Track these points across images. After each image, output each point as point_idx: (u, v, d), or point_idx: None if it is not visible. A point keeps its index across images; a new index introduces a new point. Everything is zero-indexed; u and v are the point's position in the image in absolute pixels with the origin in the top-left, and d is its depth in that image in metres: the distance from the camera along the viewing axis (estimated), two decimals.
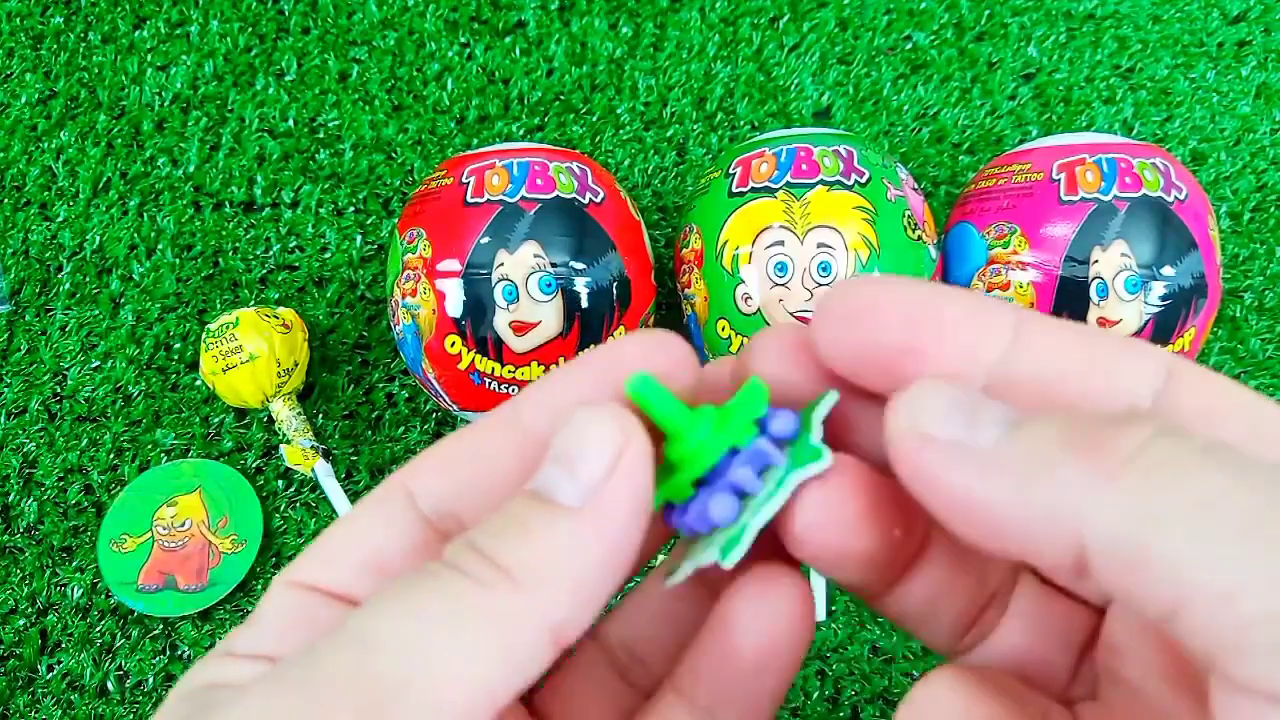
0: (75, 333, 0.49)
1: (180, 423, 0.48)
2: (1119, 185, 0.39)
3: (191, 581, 0.44)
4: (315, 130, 0.53)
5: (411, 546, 0.16)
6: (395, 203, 0.51)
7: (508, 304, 0.39)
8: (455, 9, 0.55)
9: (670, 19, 0.54)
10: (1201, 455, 0.11)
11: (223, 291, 0.50)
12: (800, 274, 0.39)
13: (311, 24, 0.54)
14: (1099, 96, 0.53)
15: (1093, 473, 0.11)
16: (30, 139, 0.52)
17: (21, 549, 0.46)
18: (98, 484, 0.47)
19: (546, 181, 0.40)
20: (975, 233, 0.42)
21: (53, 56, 0.54)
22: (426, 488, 0.16)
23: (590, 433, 0.14)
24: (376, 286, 0.50)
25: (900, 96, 0.53)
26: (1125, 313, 0.38)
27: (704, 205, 0.42)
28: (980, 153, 0.52)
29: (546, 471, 0.14)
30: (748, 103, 0.53)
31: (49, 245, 0.51)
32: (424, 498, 0.16)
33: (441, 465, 0.16)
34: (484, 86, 0.53)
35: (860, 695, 0.43)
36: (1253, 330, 0.49)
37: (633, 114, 0.53)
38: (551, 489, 0.14)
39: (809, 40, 0.54)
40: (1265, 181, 0.52)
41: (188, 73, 0.53)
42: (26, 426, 0.48)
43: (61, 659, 0.44)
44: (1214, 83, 0.54)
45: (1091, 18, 0.55)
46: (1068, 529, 0.11)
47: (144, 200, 0.51)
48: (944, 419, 0.13)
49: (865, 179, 0.40)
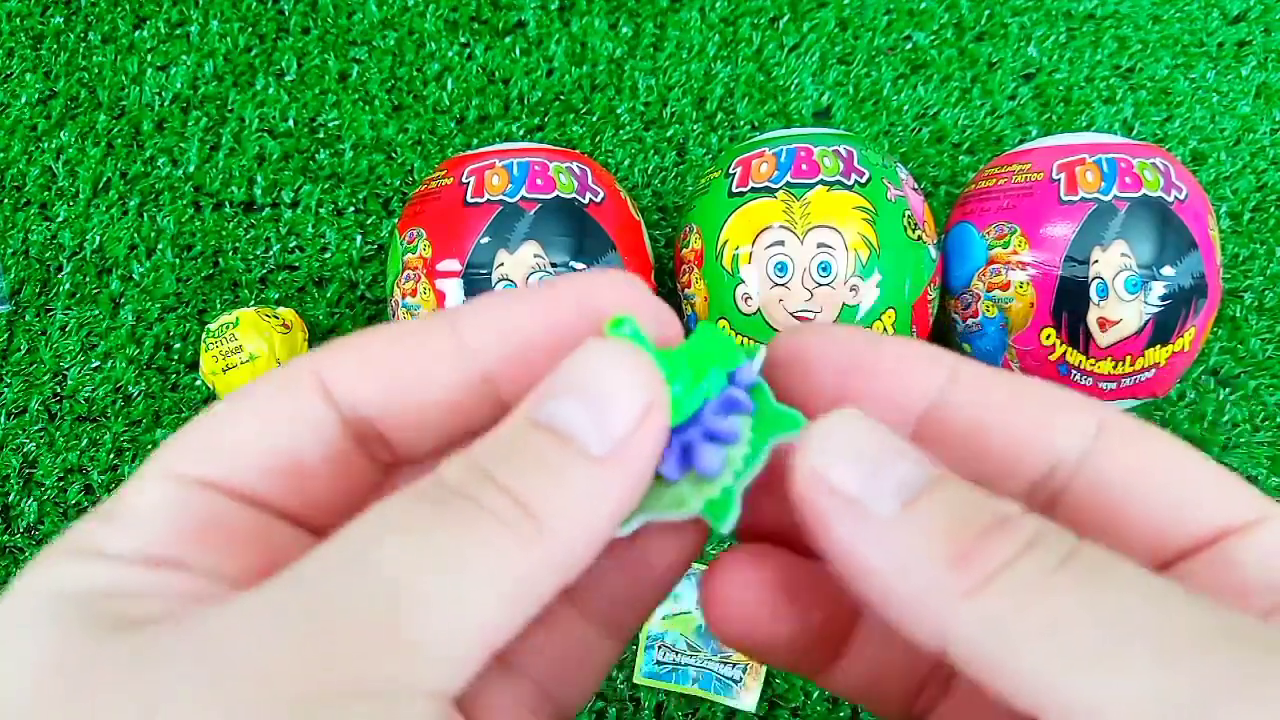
0: (75, 333, 0.49)
1: (180, 423, 0.48)
2: (1119, 185, 0.39)
3: None
4: (315, 130, 0.53)
5: (330, 451, 0.14)
6: (395, 203, 0.51)
7: None
8: (455, 9, 0.55)
9: (670, 19, 0.54)
10: (1057, 573, 0.12)
11: (223, 291, 0.50)
12: (800, 274, 0.39)
13: (311, 24, 0.54)
14: (1099, 96, 0.53)
15: (957, 585, 0.12)
16: (30, 139, 0.52)
17: (21, 549, 0.46)
18: (98, 484, 0.47)
19: (546, 181, 0.40)
20: (975, 233, 0.42)
21: (53, 56, 0.54)
22: (345, 383, 0.14)
23: (621, 377, 0.13)
24: (376, 286, 0.50)
25: (900, 96, 0.53)
26: (1125, 313, 0.38)
27: (704, 205, 0.42)
28: (980, 153, 0.52)
29: (563, 405, 0.13)
30: (748, 103, 0.53)
31: (49, 245, 0.51)
32: (342, 395, 0.14)
33: (364, 363, 0.14)
34: (484, 86, 0.53)
35: None
36: (1253, 330, 0.49)
37: (633, 114, 0.53)
38: (574, 430, 0.13)
39: (809, 40, 0.54)
40: (1265, 181, 0.52)
41: (188, 73, 0.53)
42: (26, 426, 0.48)
43: None
44: (1214, 83, 0.54)
45: (1091, 18, 0.55)
46: (935, 626, 0.12)
47: (144, 200, 0.51)
48: (850, 467, 0.13)
49: (865, 179, 0.40)
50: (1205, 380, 0.49)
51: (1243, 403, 0.48)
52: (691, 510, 0.14)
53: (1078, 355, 0.40)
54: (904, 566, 0.12)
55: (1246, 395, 0.48)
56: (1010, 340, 0.41)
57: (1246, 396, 0.48)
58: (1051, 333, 0.40)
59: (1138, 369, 0.40)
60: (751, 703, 0.44)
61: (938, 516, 0.12)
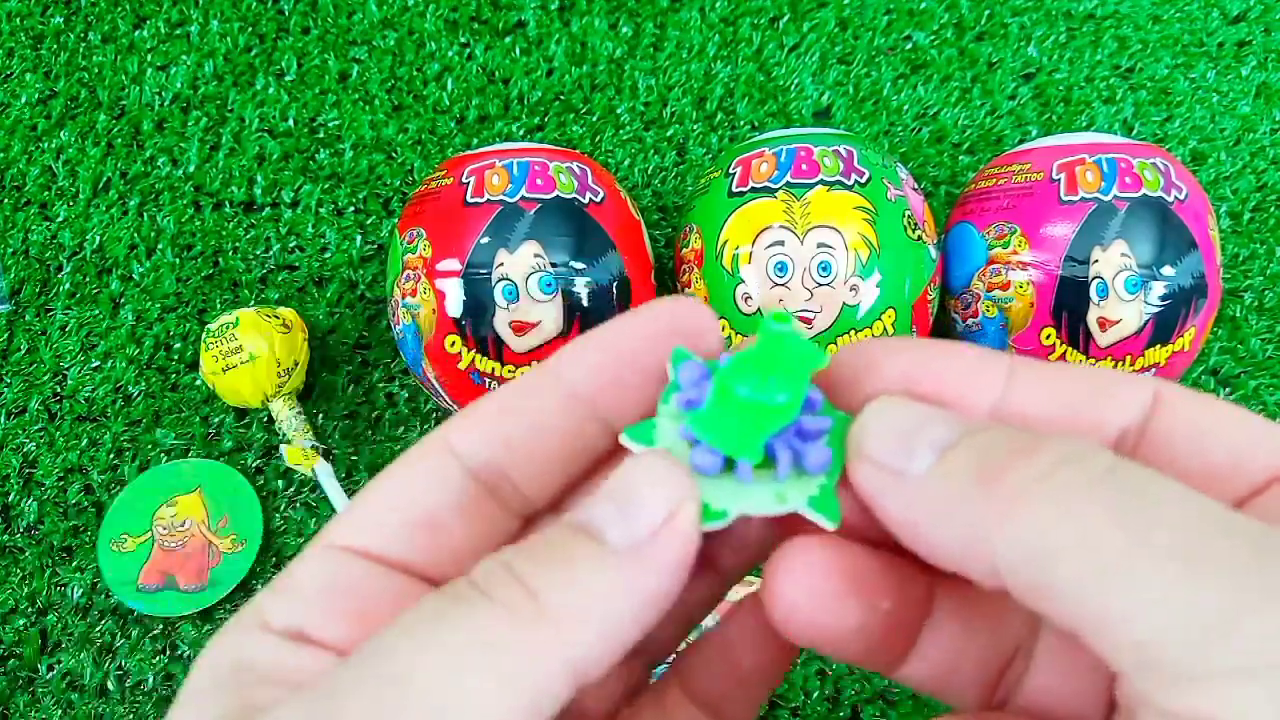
0: (75, 333, 0.49)
1: (180, 423, 0.48)
2: (1119, 185, 0.39)
3: (192, 581, 0.44)
4: (315, 130, 0.53)
5: (461, 502, 0.15)
6: (395, 203, 0.51)
7: (508, 304, 0.39)
8: (455, 9, 0.55)
9: (670, 19, 0.54)
10: (1092, 487, 0.12)
11: (223, 291, 0.50)
12: (800, 274, 0.39)
13: (311, 24, 0.54)
14: (1099, 96, 0.53)
15: (993, 508, 0.12)
16: (30, 139, 0.52)
17: (21, 549, 0.46)
18: (98, 484, 0.47)
19: (546, 181, 0.40)
20: (975, 233, 0.42)
21: (53, 56, 0.54)
22: (470, 443, 0.15)
23: (648, 481, 0.14)
24: (376, 286, 0.50)
25: (900, 96, 0.53)
26: (1125, 313, 0.38)
27: (704, 205, 0.42)
28: (980, 153, 0.52)
29: (597, 507, 0.14)
30: (748, 103, 0.53)
31: (49, 245, 0.51)
32: (468, 453, 0.15)
33: (483, 421, 0.16)
34: (484, 86, 0.53)
35: (860, 695, 0.43)
36: (1253, 330, 0.49)
37: (633, 114, 0.53)
38: (600, 526, 0.14)
39: (809, 40, 0.54)
40: (1265, 181, 0.52)
41: (188, 73, 0.53)
42: (26, 426, 0.48)
43: (61, 659, 0.44)
44: (1214, 83, 0.54)
45: (1091, 18, 0.55)
46: (985, 560, 0.12)
47: (144, 200, 0.51)
48: (887, 442, 0.14)
49: (865, 179, 0.40)
50: (1205, 380, 0.49)
51: (1243, 403, 0.48)
52: (793, 506, 0.15)
53: (1078, 355, 0.40)
54: (946, 511, 0.13)
55: (1246, 395, 0.48)
56: (1010, 340, 0.41)
57: (1246, 396, 0.48)
58: (1051, 332, 0.40)
59: (1138, 369, 0.40)
60: None
61: (969, 455, 0.13)
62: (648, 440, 0.15)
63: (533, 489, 0.16)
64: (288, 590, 0.15)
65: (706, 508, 0.15)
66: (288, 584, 0.15)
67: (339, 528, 0.15)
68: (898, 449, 0.14)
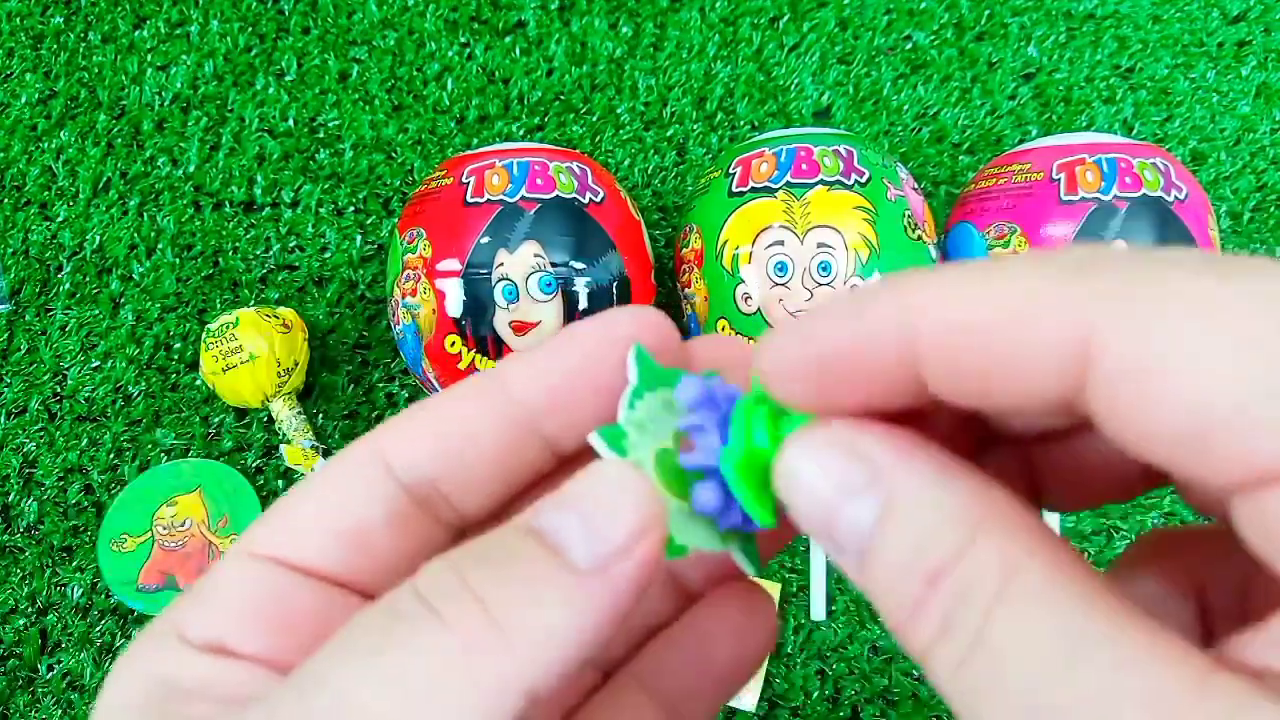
0: (75, 333, 0.49)
1: (180, 423, 0.48)
2: (1119, 185, 0.39)
3: (192, 581, 0.44)
4: (315, 130, 0.53)
5: (391, 514, 0.14)
6: (395, 203, 0.51)
7: (508, 304, 0.39)
8: (455, 9, 0.55)
9: (670, 19, 0.54)
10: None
11: (223, 291, 0.50)
12: (800, 274, 0.39)
13: (311, 24, 0.54)
14: (1099, 96, 0.53)
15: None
16: (30, 139, 0.52)
17: (21, 549, 0.46)
18: (98, 484, 0.47)
19: (546, 181, 0.40)
20: (975, 232, 0.42)
21: (53, 56, 0.54)
22: (403, 453, 0.15)
23: (619, 501, 0.13)
24: (376, 286, 0.50)
25: (900, 96, 0.53)
26: None
27: (704, 205, 0.42)
28: (980, 153, 0.52)
29: (559, 515, 0.13)
30: (748, 103, 0.53)
31: (49, 245, 0.51)
32: (400, 464, 0.15)
33: (419, 430, 0.15)
34: (484, 86, 0.53)
35: (860, 694, 0.43)
36: None
37: (633, 114, 0.53)
38: (562, 540, 0.13)
39: (809, 40, 0.54)
40: (1265, 181, 0.52)
41: (188, 73, 0.53)
42: (26, 426, 0.48)
43: (61, 659, 0.44)
44: (1214, 83, 0.54)
45: (1091, 18, 0.55)
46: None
47: (144, 200, 0.51)
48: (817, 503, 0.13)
49: (865, 179, 0.40)
50: None
51: None
52: (727, 547, 0.15)
53: None
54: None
55: None
56: None
57: None
58: None
59: None
60: (751, 703, 0.44)
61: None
62: (619, 449, 0.14)
63: (466, 504, 0.15)
64: (206, 601, 0.14)
65: (671, 540, 0.14)
66: (205, 594, 0.14)
67: (259, 535, 0.14)
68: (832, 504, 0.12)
